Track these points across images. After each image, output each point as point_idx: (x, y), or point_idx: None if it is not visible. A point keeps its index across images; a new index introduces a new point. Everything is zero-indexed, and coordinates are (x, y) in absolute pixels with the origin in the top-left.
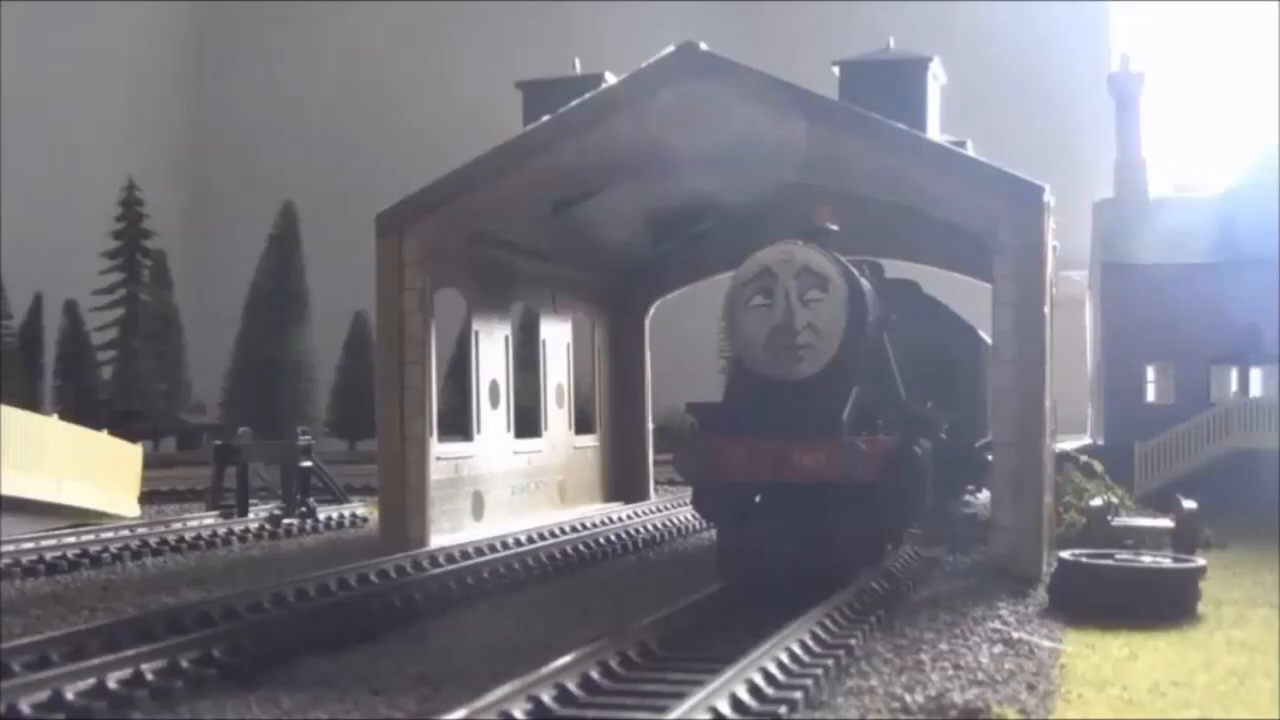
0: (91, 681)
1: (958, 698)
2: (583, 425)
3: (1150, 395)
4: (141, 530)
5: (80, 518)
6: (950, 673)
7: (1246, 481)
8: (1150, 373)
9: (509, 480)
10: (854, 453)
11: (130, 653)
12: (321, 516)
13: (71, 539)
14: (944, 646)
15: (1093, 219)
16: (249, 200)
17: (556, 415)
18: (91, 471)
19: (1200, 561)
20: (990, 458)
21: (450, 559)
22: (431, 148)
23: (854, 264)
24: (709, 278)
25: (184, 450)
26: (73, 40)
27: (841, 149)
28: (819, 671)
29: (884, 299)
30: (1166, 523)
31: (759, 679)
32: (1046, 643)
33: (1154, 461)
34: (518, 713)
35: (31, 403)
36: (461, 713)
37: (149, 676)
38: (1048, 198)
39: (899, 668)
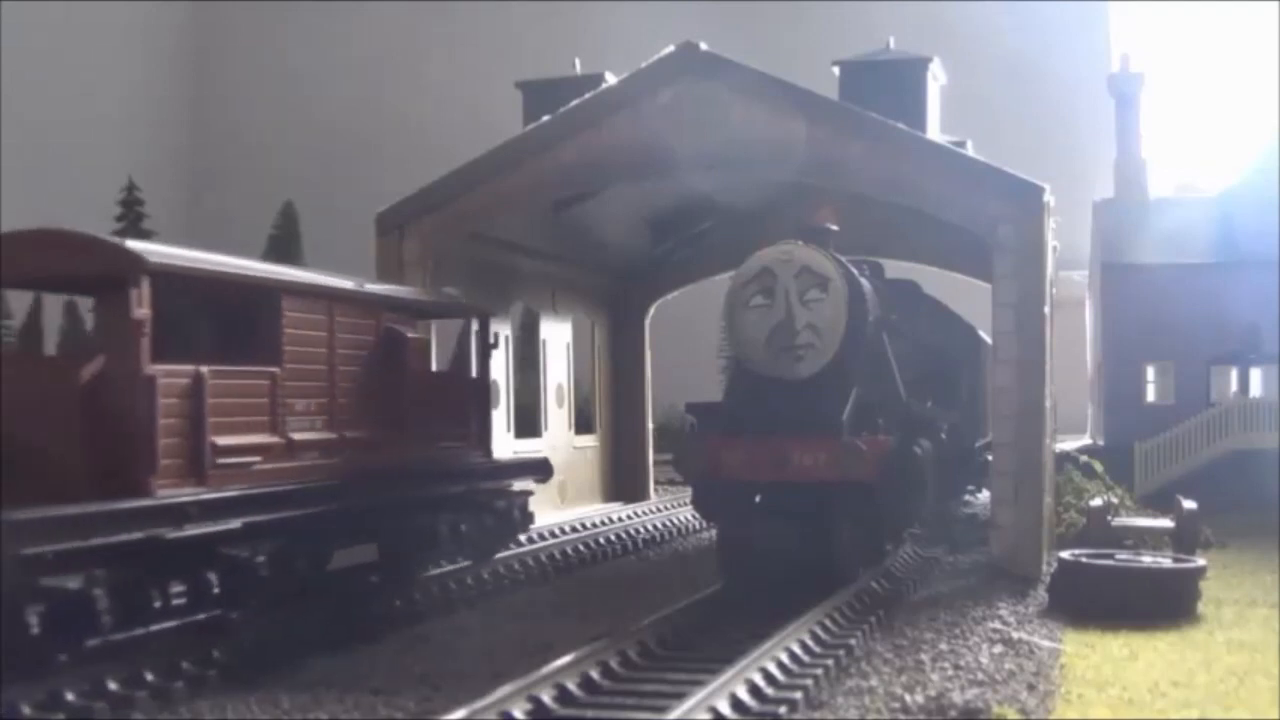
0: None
1: (958, 698)
2: (583, 425)
3: (1150, 395)
4: None
5: None
6: (950, 673)
7: (1246, 481)
8: (1150, 373)
9: None
10: (854, 453)
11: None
12: None
13: None
14: (944, 646)
15: (1093, 219)
16: (249, 200)
17: (556, 415)
18: None
19: (1200, 561)
20: (990, 458)
21: None
22: (431, 148)
23: (854, 264)
24: (709, 278)
25: None
26: (72, 39)
27: (841, 149)
28: (819, 671)
29: (884, 299)
30: (1166, 523)
31: (759, 679)
32: (1046, 643)
33: (1154, 461)
34: (518, 713)
35: None
36: (461, 713)
37: (149, 677)
38: (1048, 198)
39: (899, 668)
